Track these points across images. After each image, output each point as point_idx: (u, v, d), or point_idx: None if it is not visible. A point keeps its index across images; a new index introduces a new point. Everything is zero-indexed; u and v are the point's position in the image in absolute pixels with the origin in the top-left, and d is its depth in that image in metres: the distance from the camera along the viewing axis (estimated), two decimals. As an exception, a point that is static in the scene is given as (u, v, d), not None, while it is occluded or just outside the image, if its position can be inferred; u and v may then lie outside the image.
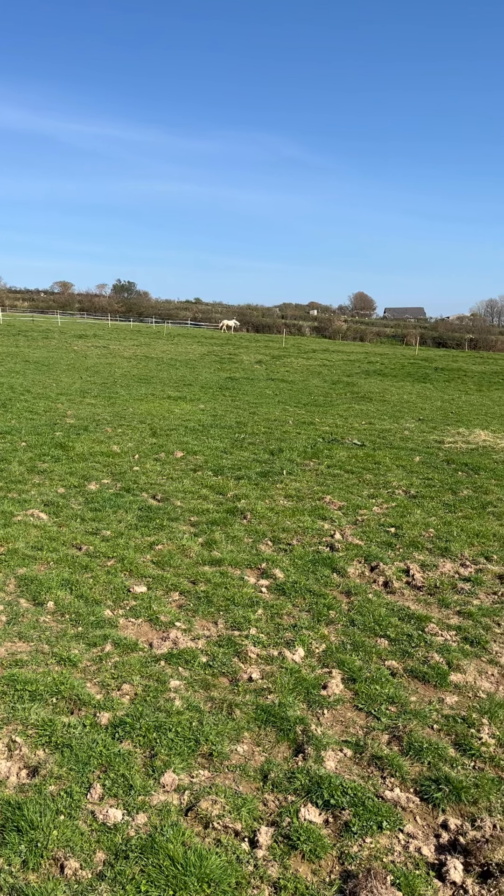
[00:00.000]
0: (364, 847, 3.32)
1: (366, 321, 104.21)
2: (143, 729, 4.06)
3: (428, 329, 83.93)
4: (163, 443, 12.29)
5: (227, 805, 3.51)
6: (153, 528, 7.65)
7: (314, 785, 3.67)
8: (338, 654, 5.12)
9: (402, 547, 7.50)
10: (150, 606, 5.73)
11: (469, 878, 3.18)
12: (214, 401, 18.94)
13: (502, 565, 7.11)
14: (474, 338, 71.30)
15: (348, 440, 13.48)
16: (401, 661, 5.09)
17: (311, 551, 7.20)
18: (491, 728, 4.30)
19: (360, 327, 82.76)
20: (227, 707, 4.37)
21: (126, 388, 20.57)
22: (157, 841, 3.23)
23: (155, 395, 19.28)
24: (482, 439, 14.52)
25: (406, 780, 3.81)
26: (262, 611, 5.77)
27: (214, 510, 8.43)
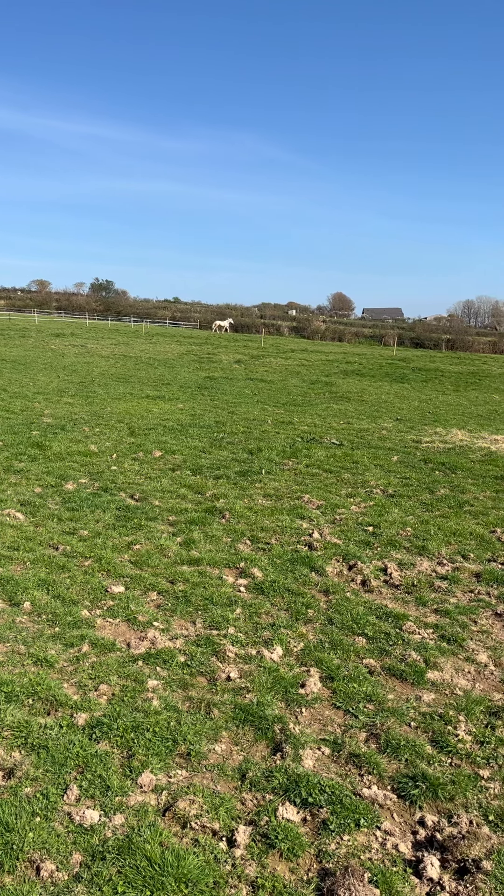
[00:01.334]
0: (342, 845, 3.33)
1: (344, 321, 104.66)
2: (120, 729, 4.03)
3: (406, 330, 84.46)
4: (141, 442, 12.24)
5: (204, 805, 3.50)
6: (131, 527, 7.62)
7: (292, 783, 3.67)
8: (316, 652, 5.13)
9: (380, 546, 7.54)
10: (127, 606, 5.69)
11: (446, 875, 3.20)
12: (193, 400, 18.90)
13: (479, 564, 7.18)
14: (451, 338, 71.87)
15: (327, 440, 13.52)
16: (378, 659, 5.11)
17: (290, 550, 7.20)
18: (467, 725, 4.33)
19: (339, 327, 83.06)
20: (205, 706, 4.36)
21: (104, 387, 20.45)
22: (134, 841, 3.21)
23: (133, 394, 19.19)
24: (459, 439, 14.64)
25: (383, 778, 3.83)
26: (241, 610, 5.77)
27: (193, 509, 8.41)
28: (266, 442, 12.88)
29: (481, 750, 4.10)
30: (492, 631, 5.69)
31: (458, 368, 36.79)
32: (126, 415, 15.29)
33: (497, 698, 4.66)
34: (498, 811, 3.59)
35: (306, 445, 12.77)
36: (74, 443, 11.80)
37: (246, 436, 13.53)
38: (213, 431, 13.82)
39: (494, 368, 38.97)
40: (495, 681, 4.93)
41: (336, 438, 13.73)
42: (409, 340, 72.07)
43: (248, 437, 13.34)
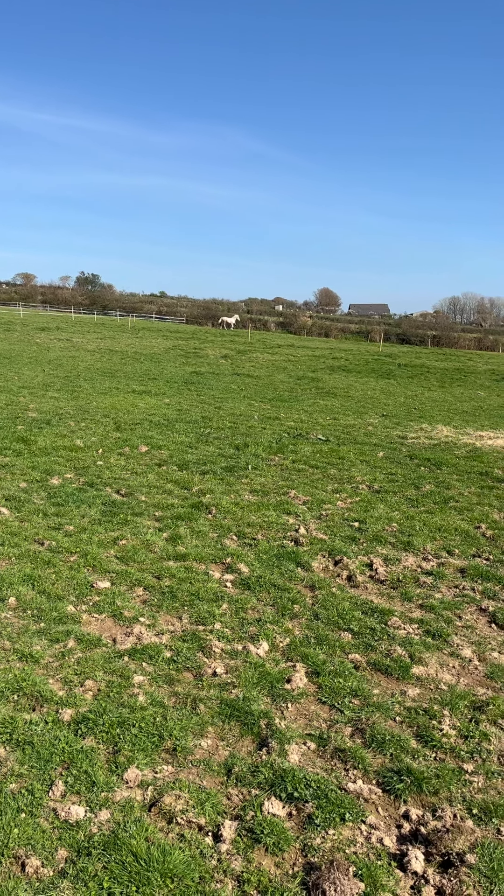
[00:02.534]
0: (327, 839, 3.34)
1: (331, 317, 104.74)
2: (106, 725, 4.03)
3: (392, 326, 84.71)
4: (127, 437, 12.20)
5: (190, 800, 3.50)
6: (117, 523, 7.59)
7: (278, 778, 3.68)
8: (302, 647, 5.14)
9: (366, 541, 7.57)
10: (113, 602, 5.68)
11: (430, 868, 3.22)
12: (179, 395, 18.86)
13: (463, 559, 7.22)
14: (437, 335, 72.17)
15: (313, 435, 13.55)
16: (364, 654, 5.14)
17: (276, 546, 7.21)
18: (452, 720, 4.37)
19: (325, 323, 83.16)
20: (191, 702, 4.36)
21: (90, 381, 20.36)
22: (119, 837, 3.21)
23: (119, 388, 19.12)
24: (444, 435, 14.71)
25: (369, 772, 3.85)
26: (227, 605, 5.77)
27: (179, 505, 8.40)
28: (252, 437, 12.88)
29: (465, 744, 4.13)
30: (476, 626, 5.73)
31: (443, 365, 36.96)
32: (112, 409, 15.23)
33: (481, 693, 4.70)
34: (481, 805, 3.62)
35: (293, 441, 12.79)
36: (60, 437, 11.74)
37: (232, 431, 13.52)
38: (199, 427, 13.80)
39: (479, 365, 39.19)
40: (479, 675, 4.96)
41: (322, 434, 13.76)
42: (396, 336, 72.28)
43: (235, 433, 13.33)
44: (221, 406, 17.12)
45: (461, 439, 14.25)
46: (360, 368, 32.23)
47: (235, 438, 12.70)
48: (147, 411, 15.38)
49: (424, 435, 14.61)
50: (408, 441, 13.74)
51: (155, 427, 13.42)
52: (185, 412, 15.66)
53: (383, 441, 13.56)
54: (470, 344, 70.68)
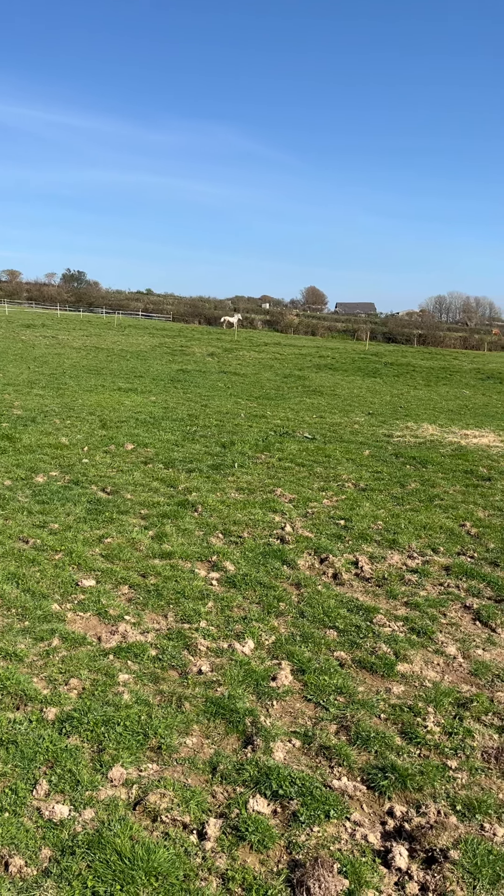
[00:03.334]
0: (311, 836, 3.35)
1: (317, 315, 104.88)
2: (90, 723, 4.01)
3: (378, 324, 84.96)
4: (113, 435, 12.16)
5: (175, 798, 3.50)
6: (102, 521, 7.57)
7: (263, 776, 3.68)
8: (287, 645, 5.15)
9: (352, 539, 7.59)
10: (98, 600, 5.66)
11: (414, 864, 3.24)
12: (166, 393, 18.82)
13: (448, 557, 7.26)
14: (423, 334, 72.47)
15: (299, 433, 13.56)
16: (349, 651, 5.15)
17: (262, 544, 7.22)
18: (436, 716, 4.39)
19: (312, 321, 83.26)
20: (176, 700, 4.36)
21: (75, 379, 20.27)
22: (104, 836, 3.20)
23: (105, 386, 19.05)
24: (430, 433, 14.78)
25: (353, 769, 3.86)
26: (213, 603, 5.76)
27: (165, 503, 8.38)
28: (239, 435, 12.87)
29: (449, 741, 4.15)
30: (461, 623, 5.77)
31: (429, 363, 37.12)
32: (98, 407, 15.17)
33: (465, 690, 4.73)
34: (465, 801, 3.64)
35: (279, 439, 12.79)
36: (45, 435, 11.68)
37: (219, 429, 13.51)
38: (185, 424, 13.77)
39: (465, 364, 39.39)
40: (464, 673, 4.99)
41: (309, 432, 13.78)
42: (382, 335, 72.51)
43: (221, 431, 13.32)
44: (208, 404, 17.10)
45: (446, 438, 14.32)
46: (346, 367, 32.30)
47: (222, 436, 12.69)
48: (133, 409, 15.33)
49: (410, 433, 14.67)
50: (393, 439, 13.79)
51: (141, 425, 13.38)
52: (171, 410, 15.63)
53: (369, 439, 13.59)
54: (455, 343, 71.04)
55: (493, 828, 3.46)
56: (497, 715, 4.45)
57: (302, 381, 24.84)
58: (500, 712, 4.47)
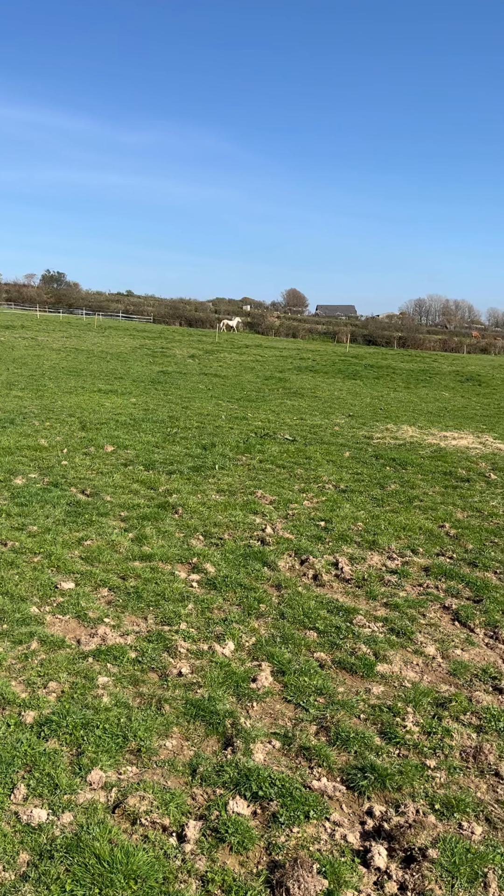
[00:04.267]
0: (291, 837, 3.35)
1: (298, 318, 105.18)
2: (69, 727, 3.99)
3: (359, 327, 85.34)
4: (93, 437, 12.09)
5: (155, 801, 3.49)
6: (82, 523, 7.52)
7: (243, 777, 3.68)
8: (267, 647, 5.15)
9: (332, 540, 7.61)
10: (78, 603, 5.63)
11: (393, 864, 3.25)
12: (146, 394, 18.76)
13: (427, 558, 7.31)
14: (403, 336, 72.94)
15: (280, 435, 13.58)
16: (329, 652, 5.16)
17: (243, 545, 7.22)
18: (415, 716, 4.41)
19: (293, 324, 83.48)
20: (156, 702, 4.34)
21: (55, 380, 20.14)
22: (82, 840, 3.18)
23: (85, 388, 18.95)
24: (409, 435, 14.87)
25: (333, 770, 3.87)
26: (193, 605, 5.75)
27: (145, 505, 8.35)
28: (220, 437, 12.87)
29: (428, 740, 4.18)
30: (440, 624, 5.81)
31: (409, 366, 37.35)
32: (77, 409, 15.09)
33: (444, 690, 4.76)
34: (443, 800, 3.67)
35: (260, 441, 12.81)
36: (24, 437, 11.59)
37: (200, 431, 13.49)
38: (166, 426, 13.74)
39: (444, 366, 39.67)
40: (443, 672, 5.03)
41: (289, 434, 13.81)
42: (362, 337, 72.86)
43: (202, 433, 13.30)
44: (189, 406, 17.07)
45: (426, 439, 14.42)
46: (327, 369, 32.40)
47: (203, 438, 12.67)
48: (113, 411, 15.27)
49: (390, 435, 14.75)
50: (374, 441, 13.86)
51: (121, 426, 13.33)
52: (151, 412, 15.58)
53: (349, 441, 13.65)
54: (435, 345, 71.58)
55: (471, 826, 3.49)
56: (475, 714, 4.49)
57: (283, 383, 24.88)
58: (479, 712, 4.51)
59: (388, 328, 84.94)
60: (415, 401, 22.82)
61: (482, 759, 4.02)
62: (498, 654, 5.37)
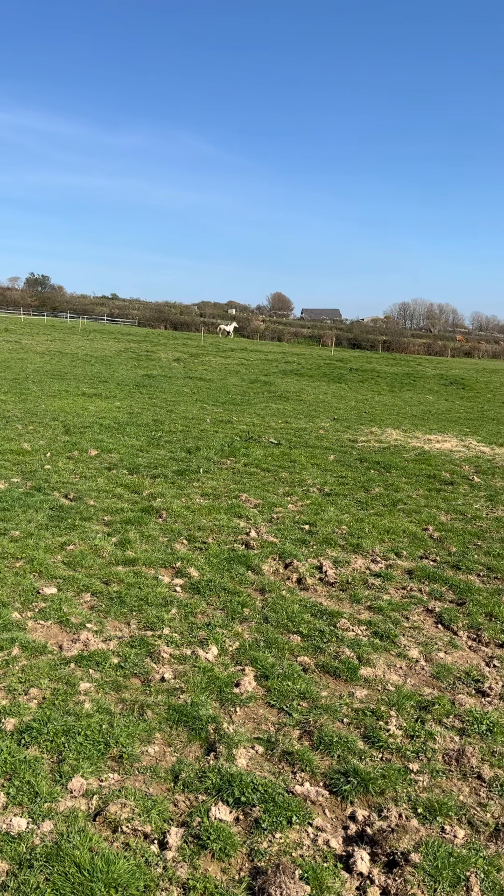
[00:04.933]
0: (274, 843, 3.34)
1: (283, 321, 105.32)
2: (50, 734, 3.95)
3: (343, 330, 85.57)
4: (76, 440, 12.03)
5: (136, 808, 3.46)
6: (65, 527, 7.47)
7: (225, 783, 3.66)
8: (251, 651, 5.13)
9: (316, 544, 7.61)
10: (60, 608, 5.58)
11: (375, 868, 3.24)
12: (131, 398, 18.70)
13: (411, 561, 7.32)
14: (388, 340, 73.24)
15: (265, 439, 13.58)
16: (313, 656, 5.16)
17: (227, 549, 7.20)
18: (398, 720, 4.41)
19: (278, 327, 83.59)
20: (138, 708, 4.31)
21: (38, 384, 20.03)
22: (63, 848, 3.15)
23: (69, 391, 18.86)
24: (394, 438, 14.92)
25: (316, 774, 3.86)
26: (176, 610, 5.73)
27: (129, 509, 8.31)
28: (204, 441, 12.84)
29: (411, 744, 4.18)
30: (423, 627, 5.81)
31: (393, 369, 37.50)
32: (61, 412, 15.01)
33: (427, 693, 4.76)
34: (426, 803, 3.66)
35: (245, 444, 12.79)
36: (6, 441, 11.51)
37: (184, 434, 13.46)
38: (150, 430, 13.70)
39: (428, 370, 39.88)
40: (426, 676, 5.03)
41: (274, 437, 13.80)
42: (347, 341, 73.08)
43: (187, 436, 13.28)
44: (173, 409, 17.03)
45: (410, 443, 14.47)
46: (312, 372, 32.46)
47: (187, 442, 12.65)
48: (97, 414, 15.20)
49: (374, 438, 14.79)
50: (358, 444, 13.89)
51: (105, 430, 13.27)
52: (136, 415, 15.53)
53: (334, 444, 13.67)
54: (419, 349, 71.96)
55: (454, 829, 3.49)
56: (458, 717, 4.49)
57: (268, 387, 24.89)
58: (461, 714, 4.51)
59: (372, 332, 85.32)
60: (399, 404, 22.91)
61: (465, 762, 4.02)
62: (481, 656, 5.39)
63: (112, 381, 22.38)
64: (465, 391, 29.19)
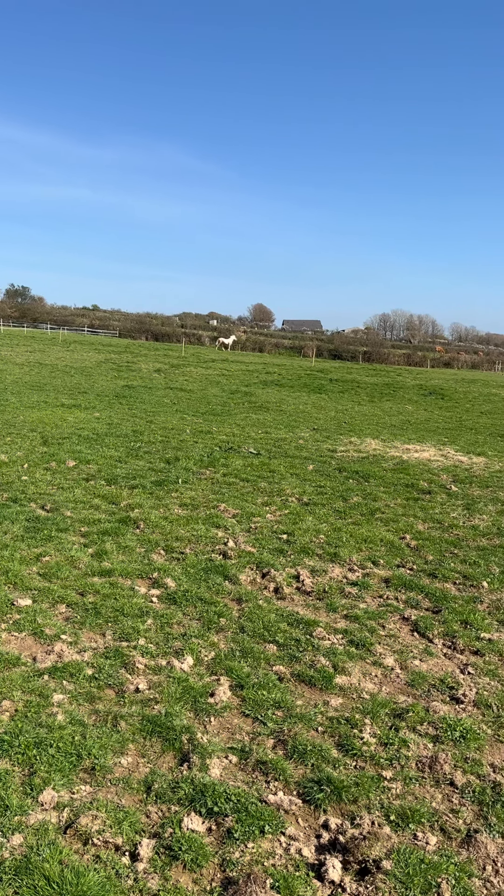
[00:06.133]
0: (246, 853, 3.33)
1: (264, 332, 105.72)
2: (22, 746, 3.91)
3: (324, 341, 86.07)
4: (54, 451, 11.97)
5: (108, 820, 3.43)
6: (41, 539, 7.42)
7: (198, 793, 3.65)
8: (226, 661, 5.12)
9: (294, 553, 7.62)
10: (34, 620, 5.54)
11: (347, 877, 3.24)
12: (110, 409, 18.65)
13: (388, 569, 7.35)
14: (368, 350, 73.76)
15: (244, 449, 13.59)
16: (288, 665, 5.16)
17: (204, 559, 7.19)
18: (373, 728, 4.42)
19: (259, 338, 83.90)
20: (111, 719, 4.29)
21: (17, 395, 19.92)
22: (32, 861, 3.12)
23: (48, 402, 18.77)
24: (373, 448, 15.00)
25: (289, 783, 3.85)
26: (152, 621, 5.71)
27: (106, 520, 8.28)
28: (184, 451, 12.83)
29: (385, 751, 4.19)
30: (399, 635, 5.84)
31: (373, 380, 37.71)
32: (39, 423, 14.93)
33: (402, 700, 4.78)
34: (399, 811, 3.67)
35: (224, 455, 12.80)
36: (-16, 452, 11.42)
37: (164, 445, 13.44)
38: (130, 441, 13.67)
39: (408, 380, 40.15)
40: (401, 684, 5.05)
41: (254, 448, 13.82)
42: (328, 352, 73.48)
43: (166, 447, 13.26)
44: (153, 420, 17.01)
45: (389, 452, 14.55)
46: (292, 383, 32.57)
47: (166, 452, 12.63)
48: (76, 425, 15.14)
49: (353, 448, 14.86)
50: (337, 454, 13.94)
51: (84, 441, 13.21)
52: (115, 426, 15.49)
53: (313, 454, 13.71)
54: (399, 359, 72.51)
55: (426, 836, 3.50)
56: (432, 724, 4.51)
57: (248, 398, 24.94)
58: (435, 722, 4.53)
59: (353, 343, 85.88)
60: (378, 414, 23.04)
61: (437, 769, 4.04)
62: (456, 664, 5.42)
63: (92, 392, 22.31)
64: (444, 401, 29.42)
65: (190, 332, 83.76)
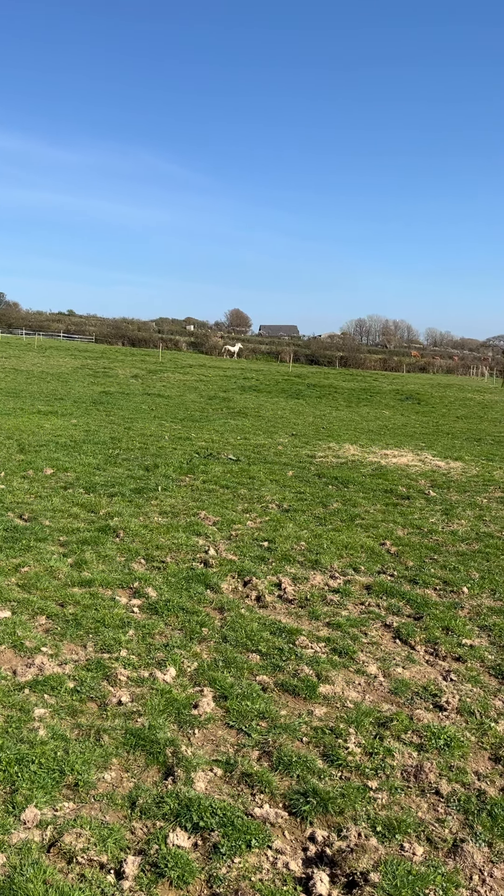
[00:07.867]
0: (233, 868, 3.29)
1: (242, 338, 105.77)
2: (3, 762, 3.84)
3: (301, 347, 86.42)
4: (31, 459, 11.84)
5: (92, 837, 3.38)
6: (19, 549, 7.33)
7: (183, 808, 3.61)
8: (210, 671, 5.09)
9: (275, 561, 7.60)
10: (14, 632, 5.46)
11: (335, 890, 3.22)
12: (88, 415, 18.52)
13: (369, 576, 7.37)
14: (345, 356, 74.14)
15: (224, 455, 13.56)
16: (272, 675, 5.13)
17: (185, 568, 7.14)
18: (357, 737, 4.41)
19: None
20: (94, 733, 4.23)
21: (-7, 401, 19.69)
22: (15, 882, 3.06)
23: (24, 409, 18.59)
24: (351, 453, 15.05)
25: (275, 796, 3.83)
26: (134, 631, 5.65)
27: (85, 529, 8.20)
28: (163, 458, 12.77)
29: (370, 761, 4.18)
30: (381, 642, 5.84)
31: (350, 385, 37.90)
32: (15, 431, 14.78)
33: (386, 709, 4.78)
34: (385, 821, 3.66)
35: (203, 461, 12.76)
36: (-40, 460, 11.26)
37: (142, 452, 13.37)
38: (108, 448, 13.57)
39: (385, 385, 40.42)
40: (384, 692, 5.05)
41: (233, 454, 13.80)
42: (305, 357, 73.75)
43: (145, 454, 13.19)
44: (131, 426, 16.91)
45: (367, 458, 14.61)
46: (270, 388, 32.62)
47: (145, 459, 12.56)
48: (53, 432, 15.01)
49: (332, 454, 14.90)
50: (316, 460, 13.97)
51: (61, 448, 13.10)
52: (93, 433, 15.37)
53: (293, 460, 13.72)
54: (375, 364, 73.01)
55: (413, 847, 3.49)
56: (416, 732, 4.51)
57: (227, 403, 24.91)
58: (419, 730, 4.54)
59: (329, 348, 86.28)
60: (356, 419, 23.14)
61: (423, 778, 4.04)
62: (438, 670, 5.43)
63: (68, 399, 22.14)
64: (420, 406, 29.65)
65: (167, 337, 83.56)
